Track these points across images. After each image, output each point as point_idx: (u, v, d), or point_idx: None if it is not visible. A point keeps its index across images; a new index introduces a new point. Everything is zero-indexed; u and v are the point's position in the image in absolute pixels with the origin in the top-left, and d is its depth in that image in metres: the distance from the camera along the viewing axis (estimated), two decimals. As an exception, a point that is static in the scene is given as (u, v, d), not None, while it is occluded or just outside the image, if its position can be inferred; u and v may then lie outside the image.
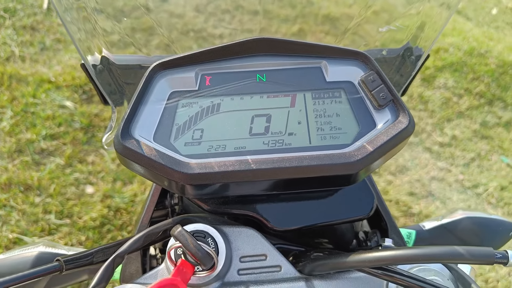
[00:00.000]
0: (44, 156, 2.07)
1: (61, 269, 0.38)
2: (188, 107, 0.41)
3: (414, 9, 0.47)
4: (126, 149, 0.38)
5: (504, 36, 3.81)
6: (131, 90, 0.45)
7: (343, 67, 0.43)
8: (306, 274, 0.42)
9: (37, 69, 2.47)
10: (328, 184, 0.41)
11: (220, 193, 0.41)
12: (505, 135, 2.72)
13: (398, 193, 2.28)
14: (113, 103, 0.46)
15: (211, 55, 0.42)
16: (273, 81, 0.43)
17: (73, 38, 0.43)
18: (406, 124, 0.40)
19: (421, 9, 0.47)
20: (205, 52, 0.42)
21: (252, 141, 0.40)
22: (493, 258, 0.32)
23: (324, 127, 0.41)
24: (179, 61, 0.42)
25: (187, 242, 0.33)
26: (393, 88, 0.41)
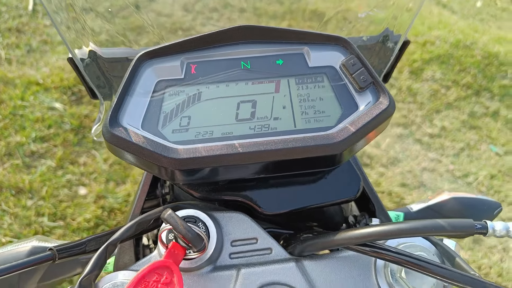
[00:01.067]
0: (34, 158, 2.06)
1: (54, 258, 0.39)
2: (174, 95, 0.42)
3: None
4: (115, 137, 0.38)
5: (489, 28, 3.86)
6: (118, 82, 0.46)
7: (324, 52, 0.45)
8: (296, 255, 0.43)
9: (24, 71, 2.45)
10: (314, 165, 0.42)
11: (209, 178, 0.41)
12: (493, 124, 2.76)
13: (390, 184, 2.30)
14: (101, 96, 0.47)
15: (195, 43, 0.43)
16: (257, 68, 0.44)
17: (60, 32, 0.44)
18: (386, 105, 0.41)
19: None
20: (189, 40, 0.43)
21: (238, 126, 0.41)
22: (473, 229, 0.34)
23: (308, 111, 0.42)
24: (164, 50, 0.43)
25: (177, 224, 0.34)
26: (373, 71, 0.42)
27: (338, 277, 0.41)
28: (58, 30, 0.43)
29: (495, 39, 3.50)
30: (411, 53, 3.19)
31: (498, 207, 0.62)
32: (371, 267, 0.42)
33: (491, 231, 0.34)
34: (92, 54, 0.48)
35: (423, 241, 0.42)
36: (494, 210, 0.61)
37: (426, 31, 3.43)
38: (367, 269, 0.42)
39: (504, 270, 1.95)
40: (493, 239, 2.08)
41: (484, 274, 1.94)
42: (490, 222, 0.34)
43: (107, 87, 0.48)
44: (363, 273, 0.41)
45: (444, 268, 0.35)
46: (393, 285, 0.40)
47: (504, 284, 1.89)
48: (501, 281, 1.92)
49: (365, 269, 0.42)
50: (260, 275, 0.41)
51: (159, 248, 0.40)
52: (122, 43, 0.53)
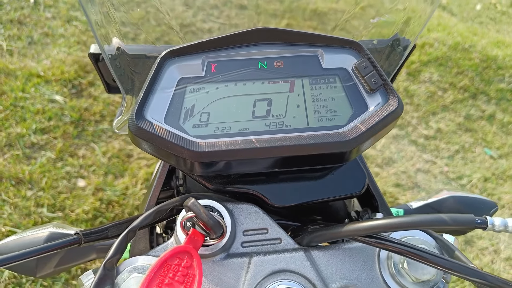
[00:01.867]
0: (34, 150, 2.07)
1: (80, 242, 0.41)
2: (195, 92, 0.45)
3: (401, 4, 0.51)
4: (140, 130, 0.41)
5: (487, 31, 3.90)
6: (139, 78, 0.48)
7: (338, 55, 0.47)
8: (304, 245, 0.45)
9: (25, 63, 2.46)
10: (324, 162, 0.45)
11: (225, 171, 0.44)
12: (488, 128, 2.80)
13: (385, 184, 2.34)
14: (125, 90, 0.49)
15: (216, 43, 0.45)
16: (273, 68, 0.46)
17: (92, 28, 0.46)
18: (395, 107, 0.44)
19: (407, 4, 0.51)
20: (211, 41, 0.45)
21: (254, 123, 0.44)
22: (474, 224, 0.36)
23: (320, 110, 0.45)
24: (187, 49, 0.45)
25: (200, 211, 0.36)
26: (383, 73, 0.45)
27: (344, 267, 0.44)
28: (92, 26, 0.46)
29: (493, 42, 3.54)
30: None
31: (494, 206, 0.65)
32: (375, 259, 0.44)
33: (490, 226, 0.36)
34: (118, 49, 0.50)
35: (424, 235, 0.45)
36: (490, 209, 0.65)
37: (425, 33, 3.46)
38: (371, 260, 0.44)
39: (495, 271, 2.00)
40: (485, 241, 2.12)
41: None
42: (489, 218, 0.37)
43: (128, 82, 0.51)
44: (367, 264, 0.44)
45: (443, 259, 0.38)
46: (396, 275, 0.43)
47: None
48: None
49: (369, 260, 0.44)
50: (271, 263, 0.43)
51: (177, 235, 0.42)
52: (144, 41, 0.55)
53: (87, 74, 2.47)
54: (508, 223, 0.36)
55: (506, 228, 0.36)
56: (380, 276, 0.43)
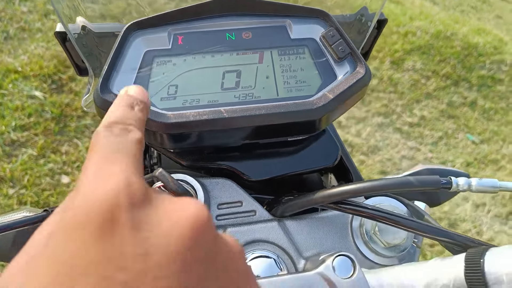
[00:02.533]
0: (15, 147, 2.03)
1: None
2: (162, 64, 0.44)
3: None
4: (106, 102, 0.40)
5: (469, 19, 3.95)
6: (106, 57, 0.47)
7: (306, 25, 0.47)
8: (278, 216, 0.45)
9: (2, 59, 2.40)
10: (295, 131, 0.45)
11: (197, 144, 0.44)
12: (471, 114, 2.84)
13: (370, 172, 2.36)
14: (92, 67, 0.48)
15: (182, 14, 0.45)
16: (241, 39, 0.46)
17: (54, 4, 0.45)
18: (363, 74, 0.44)
19: None
20: (176, 12, 0.45)
21: (224, 95, 0.44)
22: (439, 184, 0.37)
23: (290, 80, 0.45)
24: (152, 21, 0.44)
25: (168, 180, 0.36)
26: (350, 42, 0.45)
27: (318, 235, 0.44)
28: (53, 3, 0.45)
29: (474, 30, 3.58)
30: (393, 44, 3.25)
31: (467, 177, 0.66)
32: (348, 227, 0.45)
33: (455, 186, 0.37)
34: (83, 28, 0.49)
35: (395, 202, 0.46)
36: (464, 180, 0.66)
37: (407, 21, 3.49)
38: (344, 229, 0.45)
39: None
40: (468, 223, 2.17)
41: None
42: (454, 178, 0.37)
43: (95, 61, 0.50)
44: (340, 232, 0.44)
45: (413, 221, 0.38)
46: (368, 242, 0.44)
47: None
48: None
49: (342, 228, 0.45)
50: (245, 234, 0.43)
51: None
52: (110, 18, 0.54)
53: (67, 69, 2.43)
54: (472, 182, 0.37)
55: (470, 187, 0.37)
56: (353, 243, 0.44)
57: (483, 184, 0.37)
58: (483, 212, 2.31)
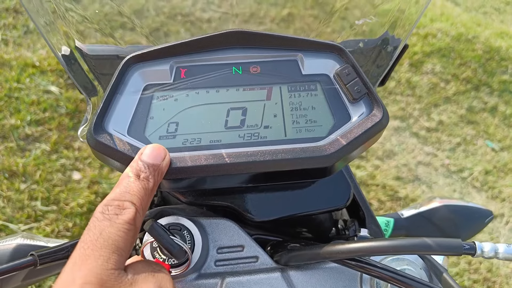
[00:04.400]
0: (29, 142, 2.04)
1: (35, 264, 0.38)
2: (163, 100, 0.41)
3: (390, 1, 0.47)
4: (99, 144, 0.37)
5: (491, 21, 3.82)
6: (106, 81, 0.44)
7: (319, 60, 0.43)
8: (282, 264, 0.42)
9: (20, 53, 2.41)
10: (304, 176, 0.42)
11: (196, 187, 0.41)
12: (491, 120, 2.75)
13: (385, 177, 2.31)
14: (88, 95, 0.45)
15: (186, 47, 0.42)
16: (249, 74, 0.42)
17: (40, 30, 0.42)
18: (380, 118, 0.40)
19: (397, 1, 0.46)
20: (179, 44, 0.41)
21: (227, 134, 0.40)
22: (461, 250, 0.33)
23: (299, 120, 0.41)
24: (153, 54, 0.41)
25: (160, 237, 0.33)
26: (367, 81, 0.41)
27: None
28: (37, 25, 0.42)
29: (497, 33, 3.46)
30: (412, 46, 3.17)
31: (489, 215, 0.62)
32: (357, 280, 0.41)
33: (479, 252, 0.33)
34: (78, 51, 0.46)
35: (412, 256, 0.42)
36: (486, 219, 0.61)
37: (428, 23, 3.39)
38: (353, 281, 0.41)
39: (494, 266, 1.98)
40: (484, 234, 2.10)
41: (474, 269, 1.96)
42: (478, 243, 0.33)
43: (94, 86, 0.47)
44: (349, 285, 0.41)
45: (428, 286, 0.34)
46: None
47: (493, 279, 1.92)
48: (490, 276, 1.94)
49: (351, 281, 0.41)
50: (245, 285, 0.40)
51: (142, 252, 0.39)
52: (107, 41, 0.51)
53: (83, 65, 2.43)
54: (498, 249, 0.33)
55: (496, 255, 0.33)
56: (362, 299, 0.41)
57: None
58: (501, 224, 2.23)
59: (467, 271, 1.93)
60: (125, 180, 0.34)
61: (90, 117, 0.46)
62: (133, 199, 0.32)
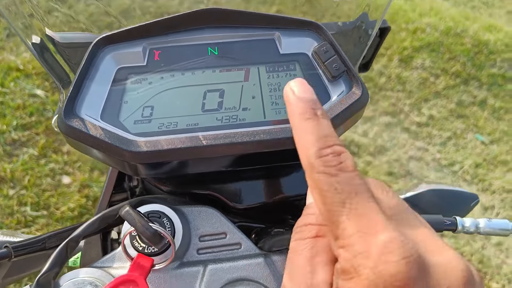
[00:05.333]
0: (16, 147, 2.01)
1: (10, 256, 0.37)
2: (136, 83, 0.40)
3: None
4: (71, 129, 0.36)
5: (480, 15, 3.85)
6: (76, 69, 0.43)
7: (296, 38, 0.42)
8: (266, 250, 0.41)
9: (3, 57, 2.38)
10: (285, 158, 0.41)
11: (175, 172, 0.39)
12: (480, 113, 2.77)
13: (377, 173, 2.31)
14: (62, 84, 0.44)
15: (159, 27, 0.40)
16: (225, 54, 0.41)
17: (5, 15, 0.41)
18: (359, 95, 0.39)
19: None
20: (152, 24, 0.40)
21: (204, 117, 0.39)
22: (442, 225, 0.32)
23: (278, 101, 0.40)
24: (125, 35, 0.40)
25: (135, 221, 0.32)
26: (346, 59, 0.40)
27: (308, 273, 0.40)
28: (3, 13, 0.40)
29: (485, 27, 3.49)
30: (402, 41, 3.18)
31: (475, 199, 0.61)
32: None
33: (460, 228, 0.33)
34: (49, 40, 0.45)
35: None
36: (471, 202, 0.61)
37: (417, 18, 3.41)
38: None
39: (485, 257, 1.99)
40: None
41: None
42: (460, 218, 0.33)
43: (67, 75, 0.46)
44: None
45: None
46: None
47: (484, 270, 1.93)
48: (481, 267, 1.95)
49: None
50: (228, 271, 0.39)
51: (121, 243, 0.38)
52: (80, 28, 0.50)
53: (69, 68, 2.40)
54: (479, 224, 0.32)
55: (477, 229, 0.32)
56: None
57: (493, 226, 0.33)
58: (491, 215, 2.24)
59: (460, 263, 1.93)
60: (309, 125, 0.27)
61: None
62: (336, 140, 0.27)
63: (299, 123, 0.28)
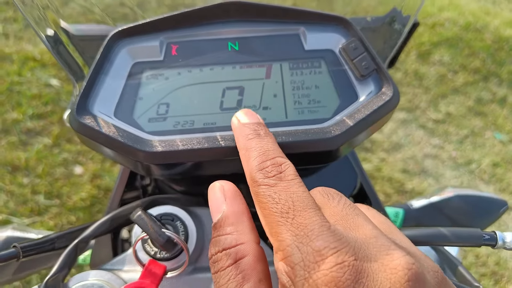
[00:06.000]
0: (31, 136, 2.03)
1: (18, 256, 0.35)
2: (152, 79, 0.38)
3: None
4: (83, 126, 0.34)
5: (500, 10, 3.74)
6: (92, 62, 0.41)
7: (322, 34, 0.40)
8: None
9: (21, 47, 2.39)
10: (307, 161, 0.38)
11: (190, 173, 0.37)
12: (499, 111, 2.70)
13: (391, 170, 2.27)
14: (75, 78, 0.42)
15: (177, 21, 0.38)
16: (246, 50, 0.39)
17: (22, 10, 0.39)
18: (390, 96, 0.37)
19: None
20: (170, 18, 0.38)
21: (223, 116, 0.37)
22: (481, 240, 0.30)
23: (302, 100, 0.38)
24: (141, 29, 0.38)
25: (147, 226, 0.30)
26: (376, 56, 0.38)
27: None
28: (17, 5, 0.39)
29: (506, 22, 3.39)
30: (419, 36, 3.11)
31: (504, 205, 0.58)
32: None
33: (500, 243, 0.30)
34: (63, 32, 0.43)
35: (423, 246, 0.39)
36: (500, 209, 0.58)
37: (435, 12, 3.33)
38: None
39: (502, 259, 1.94)
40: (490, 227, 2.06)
41: (482, 262, 1.92)
42: (499, 233, 0.30)
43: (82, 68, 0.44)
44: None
45: None
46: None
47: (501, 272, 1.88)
48: (498, 269, 1.91)
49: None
50: None
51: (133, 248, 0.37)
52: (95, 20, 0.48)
53: (84, 58, 2.41)
54: (523, 241, 0.30)
55: (521, 246, 0.29)
56: None
57: (537, 242, 0.30)
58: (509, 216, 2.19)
59: (474, 264, 1.90)
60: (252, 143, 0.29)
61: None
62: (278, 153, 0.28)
63: (243, 143, 0.30)
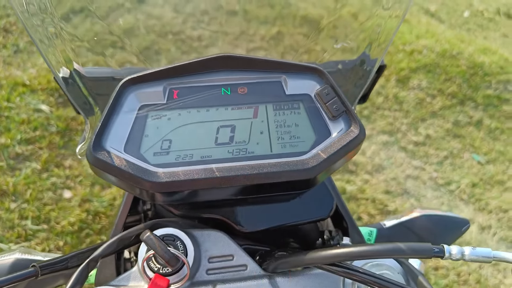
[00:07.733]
0: (19, 161, 2.04)
1: (37, 274, 0.40)
2: (157, 119, 0.44)
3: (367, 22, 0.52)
4: (98, 160, 0.40)
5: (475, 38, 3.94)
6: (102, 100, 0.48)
7: (301, 81, 0.47)
8: (270, 272, 0.45)
9: (10, 72, 2.43)
10: (289, 188, 0.45)
11: (189, 199, 0.44)
12: (476, 133, 2.82)
13: (374, 191, 2.34)
14: (85, 114, 0.48)
15: (178, 70, 0.45)
16: (237, 94, 0.46)
17: (41, 52, 0.45)
18: (357, 133, 0.44)
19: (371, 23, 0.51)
20: (172, 68, 0.45)
21: (217, 150, 0.44)
22: (431, 253, 0.36)
23: (284, 136, 0.45)
24: (148, 77, 0.45)
25: (155, 245, 0.36)
26: (345, 100, 0.45)
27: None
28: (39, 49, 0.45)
29: (480, 49, 3.57)
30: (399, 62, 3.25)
31: (466, 224, 0.65)
32: (340, 284, 0.44)
33: (447, 255, 0.36)
34: (75, 73, 0.49)
35: (390, 260, 0.45)
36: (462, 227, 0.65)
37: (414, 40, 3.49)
38: (336, 286, 0.44)
39: (482, 277, 2.00)
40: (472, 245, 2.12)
41: (463, 280, 1.98)
42: (447, 246, 0.37)
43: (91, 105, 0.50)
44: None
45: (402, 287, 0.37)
46: (361, 301, 0.43)
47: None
48: (479, 287, 1.97)
49: (334, 285, 0.44)
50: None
51: (139, 265, 0.42)
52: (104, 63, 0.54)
53: (74, 84, 2.45)
54: (464, 252, 0.36)
55: (463, 257, 0.36)
56: (345, 303, 0.43)
57: (477, 254, 0.36)
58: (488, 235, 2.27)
59: (456, 283, 1.95)
60: None
61: (89, 135, 0.49)
62: None
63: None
